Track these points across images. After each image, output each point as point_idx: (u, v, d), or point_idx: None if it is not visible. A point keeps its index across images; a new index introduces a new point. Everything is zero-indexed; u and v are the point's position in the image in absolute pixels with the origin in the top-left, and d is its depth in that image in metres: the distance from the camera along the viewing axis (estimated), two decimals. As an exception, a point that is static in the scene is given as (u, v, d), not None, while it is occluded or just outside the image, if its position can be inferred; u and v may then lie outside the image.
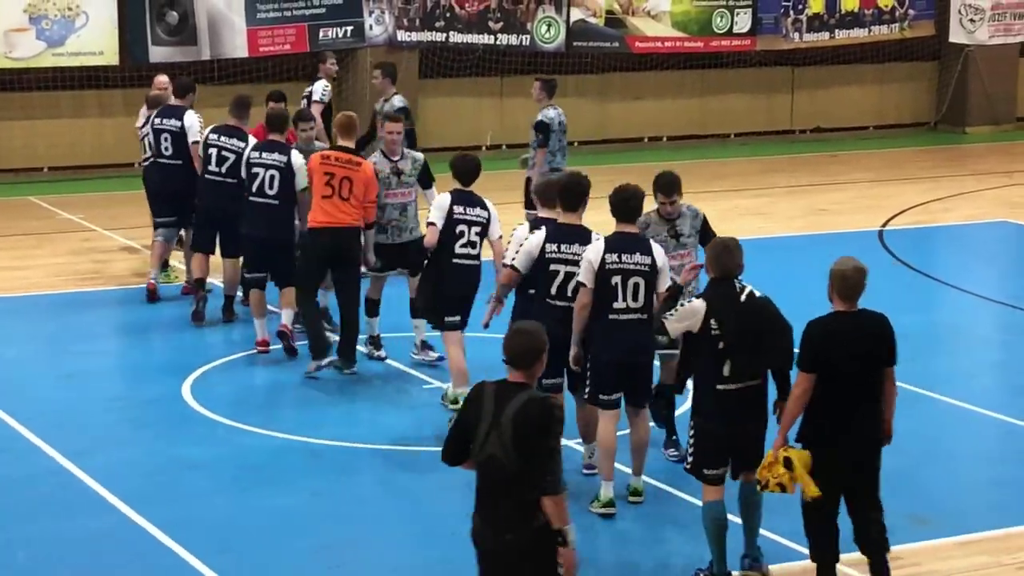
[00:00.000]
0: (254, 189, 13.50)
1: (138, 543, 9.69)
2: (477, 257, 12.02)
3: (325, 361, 13.06)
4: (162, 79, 17.73)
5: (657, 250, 10.15)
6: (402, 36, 24.07)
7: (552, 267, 10.41)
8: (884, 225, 19.49)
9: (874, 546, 8.63)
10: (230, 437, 11.75)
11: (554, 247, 10.41)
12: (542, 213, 10.87)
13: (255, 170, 13.50)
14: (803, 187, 22.78)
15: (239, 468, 11.13)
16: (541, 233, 10.50)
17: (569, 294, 10.35)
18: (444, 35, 24.36)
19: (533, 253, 10.43)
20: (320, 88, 17.75)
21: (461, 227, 12.00)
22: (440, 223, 11.91)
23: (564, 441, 10.85)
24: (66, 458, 11.12)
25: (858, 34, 27.41)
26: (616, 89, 25.84)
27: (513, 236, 10.89)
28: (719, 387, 8.94)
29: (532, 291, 10.64)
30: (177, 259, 16.41)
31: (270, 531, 9.94)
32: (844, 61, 27.81)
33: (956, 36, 28.09)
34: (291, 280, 13.43)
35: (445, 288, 12.04)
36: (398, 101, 16.63)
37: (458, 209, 11.97)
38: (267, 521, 10.10)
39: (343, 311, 13.15)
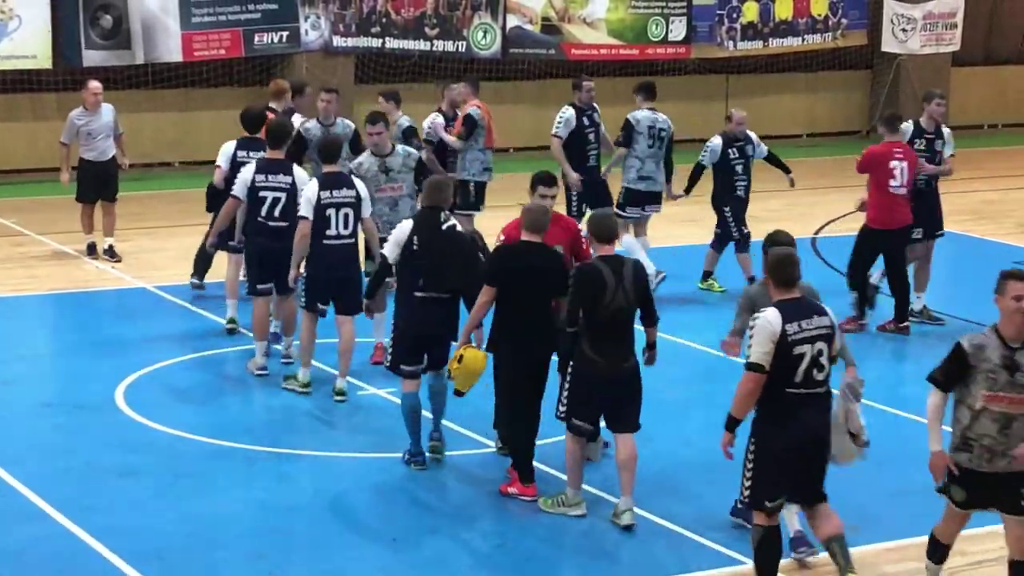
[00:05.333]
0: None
1: (72, 551, 9.66)
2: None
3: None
4: (95, 84, 17.63)
5: (359, 184, 12.54)
6: (338, 42, 24.05)
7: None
8: (816, 233, 19.63)
9: (533, 428, 10.60)
10: (164, 443, 11.73)
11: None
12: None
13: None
14: (737, 194, 22.81)
15: (173, 475, 11.10)
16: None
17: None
18: (380, 41, 24.36)
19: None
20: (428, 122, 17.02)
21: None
22: (225, 166, 14.08)
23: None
24: (-2, 465, 11.08)
25: (792, 43, 27.64)
26: (552, 96, 25.74)
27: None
28: (416, 294, 10.97)
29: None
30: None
31: (205, 539, 9.93)
32: (778, 69, 28.02)
33: (888, 45, 28.35)
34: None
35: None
36: (405, 122, 16.07)
37: (241, 153, 14.01)
38: (202, 528, 10.09)
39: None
